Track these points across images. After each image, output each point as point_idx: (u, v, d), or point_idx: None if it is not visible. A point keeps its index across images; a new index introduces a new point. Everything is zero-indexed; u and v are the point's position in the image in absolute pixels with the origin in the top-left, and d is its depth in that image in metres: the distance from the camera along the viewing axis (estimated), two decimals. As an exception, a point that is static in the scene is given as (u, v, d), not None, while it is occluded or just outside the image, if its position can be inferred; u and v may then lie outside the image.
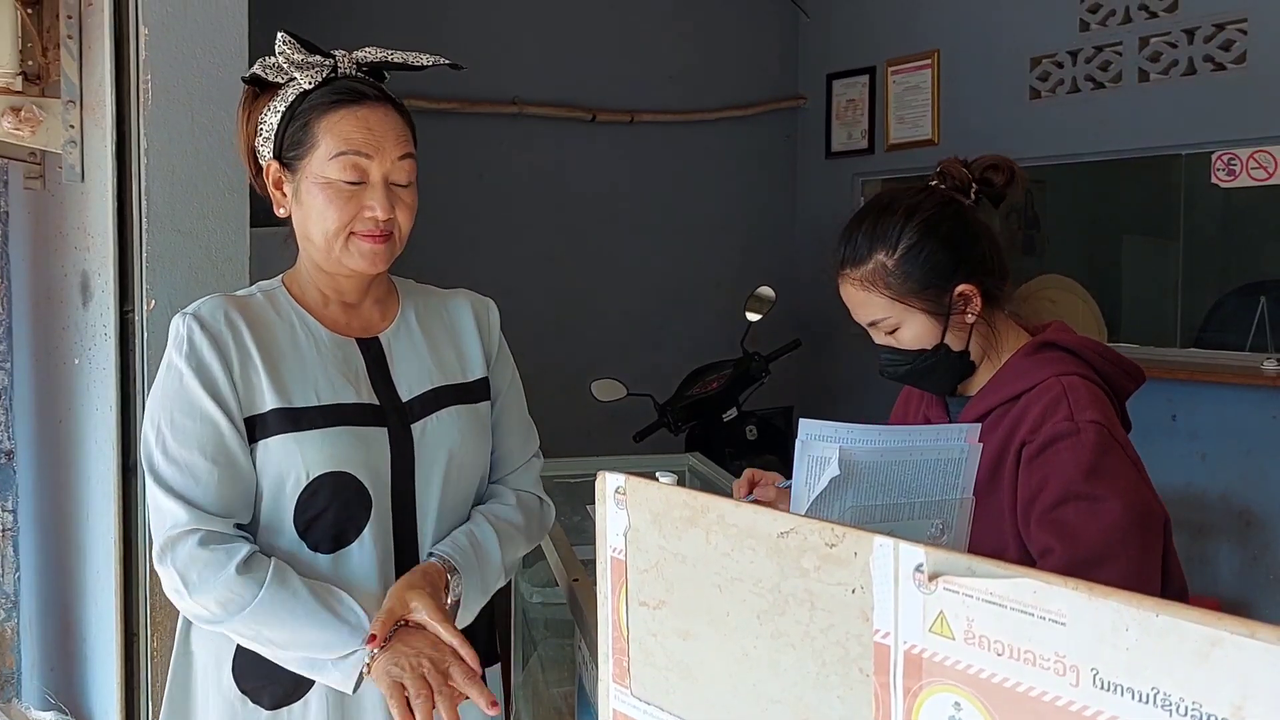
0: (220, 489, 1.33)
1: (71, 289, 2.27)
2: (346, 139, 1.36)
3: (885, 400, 1.76)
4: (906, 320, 1.42)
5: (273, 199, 1.43)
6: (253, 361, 1.37)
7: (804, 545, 0.73)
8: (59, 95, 2.17)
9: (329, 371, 1.41)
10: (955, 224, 1.43)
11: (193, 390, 1.34)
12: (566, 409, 4.25)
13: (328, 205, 1.37)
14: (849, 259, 1.44)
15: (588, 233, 4.69)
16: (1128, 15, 3.86)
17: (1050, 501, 1.28)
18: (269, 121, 1.40)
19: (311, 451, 1.35)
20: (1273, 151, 3.48)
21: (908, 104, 4.72)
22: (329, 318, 1.45)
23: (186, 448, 1.33)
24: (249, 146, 1.44)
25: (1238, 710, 0.51)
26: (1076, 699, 0.58)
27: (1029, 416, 1.35)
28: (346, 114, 1.37)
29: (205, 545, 1.30)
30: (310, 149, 1.37)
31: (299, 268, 1.48)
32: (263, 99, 1.42)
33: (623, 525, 0.89)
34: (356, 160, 1.36)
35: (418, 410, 1.45)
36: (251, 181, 1.49)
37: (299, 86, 1.39)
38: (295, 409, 1.36)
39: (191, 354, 1.35)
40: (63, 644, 2.39)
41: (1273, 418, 3.39)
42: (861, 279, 1.43)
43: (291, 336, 1.41)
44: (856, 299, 1.45)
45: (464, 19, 4.30)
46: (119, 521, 2.11)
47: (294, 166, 1.39)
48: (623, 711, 0.91)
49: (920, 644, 0.66)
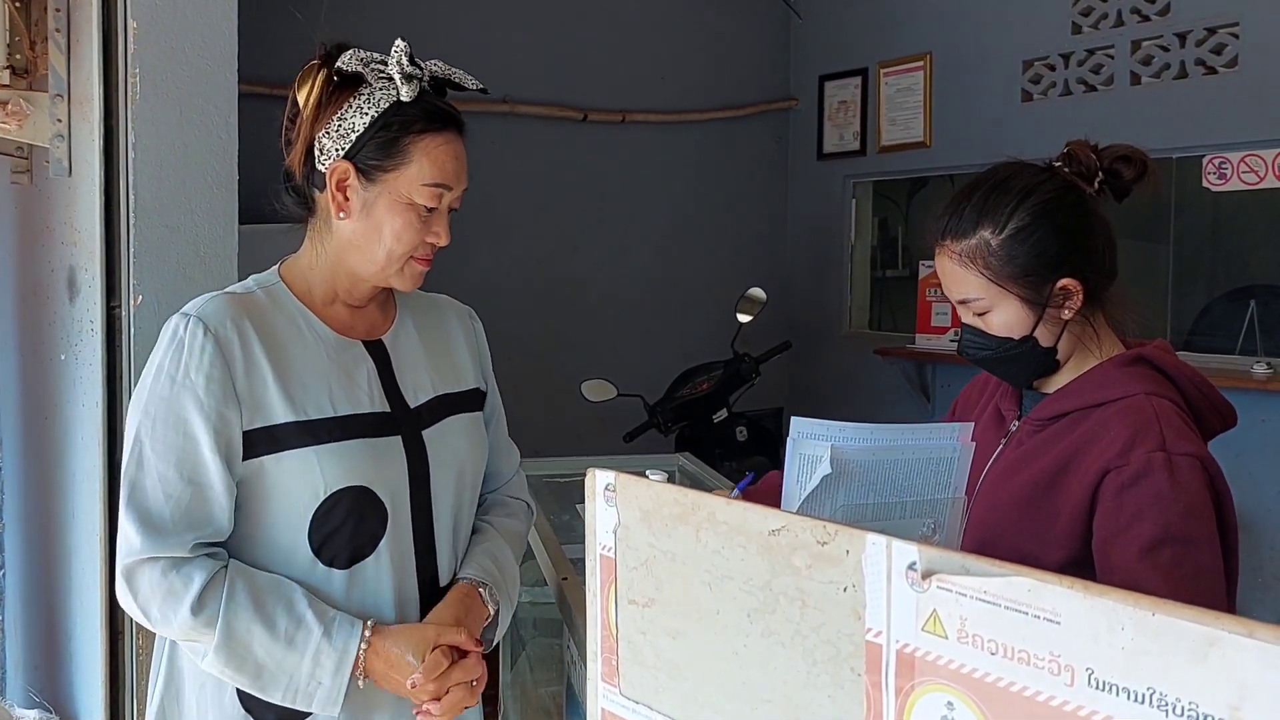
0: (189, 509, 1.27)
1: (58, 284, 2.25)
2: (441, 168, 1.32)
3: (874, 402, 1.75)
4: (1000, 305, 1.32)
5: (331, 199, 1.34)
6: (261, 370, 1.29)
7: (795, 543, 0.73)
8: (46, 89, 2.15)
9: (340, 378, 1.35)
10: (1072, 213, 1.32)
11: (182, 402, 1.26)
12: (556, 409, 4.25)
13: (406, 228, 1.32)
14: (951, 230, 1.33)
15: (578, 233, 4.68)
16: (1120, 18, 3.87)
17: (1149, 541, 1.19)
18: (352, 122, 1.32)
19: (330, 466, 1.29)
20: (1264, 155, 3.49)
21: (900, 106, 4.73)
22: (333, 317, 1.39)
23: (164, 460, 1.26)
24: (309, 135, 1.34)
25: (1235, 711, 0.50)
26: (1071, 699, 0.57)
27: (1111, 434, 1.27)
28: (442, 141, 1.33)
29: (165, 574, 1.24)
30: (401, 166, 1.31)
31: (305, 262, 1.40)
32: (345, 94, 1.33)
33: (612, 522, 0.88)
34: (442, 191, 1.33)
35: (427, 417, 1.41)
36: (290, 166, 1.38)
37: (392, 96, 1.32)
38: (311, 421, 1.30)
39: (189, 362, 1.27)
40: (48, 642, 2.37)
41: (1262, 421, 3.39)
42: (961, 253, 1.32)
43: (299, 340, 1.35)
44: (952, 274, 1.34)
45: (455, 17, 4.28)
46: (104, 519, 2.09)
47: (375, 178, 1.32)
48: (612, 711, 0.90)
49: (912, 643, 0.65)
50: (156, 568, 1.25)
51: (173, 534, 1.25)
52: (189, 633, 1.25)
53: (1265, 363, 3.48)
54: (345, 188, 1.33)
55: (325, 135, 1.33)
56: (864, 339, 4.95)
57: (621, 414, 4.05)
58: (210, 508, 1.28)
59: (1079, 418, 1.32)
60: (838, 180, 5.06)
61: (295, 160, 1.36)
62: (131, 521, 1.25)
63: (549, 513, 2.13)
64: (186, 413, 1.26)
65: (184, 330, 1.28)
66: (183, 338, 1.28)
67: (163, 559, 1.25)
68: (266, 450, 1.28)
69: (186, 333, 1.28)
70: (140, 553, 1.24)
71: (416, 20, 4.17)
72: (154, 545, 1.24)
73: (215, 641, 1.24)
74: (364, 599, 1.33)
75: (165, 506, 1.26)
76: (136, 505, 1.26)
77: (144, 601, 1.25)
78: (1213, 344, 3.80)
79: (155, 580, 1.25)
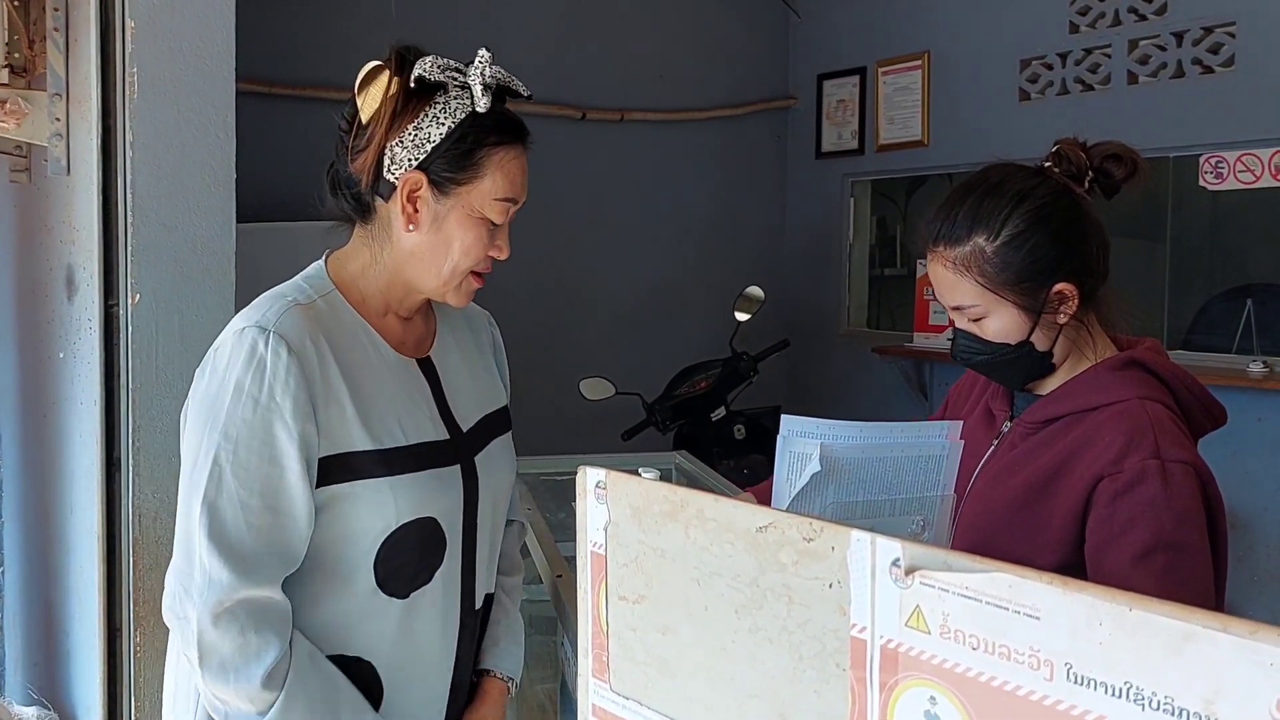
0: (275, 540, 1.20)
1: (56, 282, 2.26)
2: (513, 184, 1.30)
3: (872, 401, 1.76)
4: (995, 311, 1.31)
5: (401, 211, 1.28)
6: (338, 394, 1.23)
7: (782, 539, 0.73)
8: (45, 88, 2.16)
9: (405, 403, 1.31)
10: (1067, 217, 1.31)
11: (270, 426, 1.19)
12: (555, 407, 4.25)
13: (475, 243, 1.29)
14: (944, 236, 1.32)
15: (576, 231, 4.68)
16: (1117, 18, 3.87)
17: (1142, 548, 1.20)
18: (428, 131, 1.26)
19: (404, 498, 1.26)
20: (1260, 155, 3.49)
21: (898, 105, 4.73)
22: (388, 331, 1.34)
23: (248, 489, 1.19)
24: (382, 141, 1.26)
25: (1209, 704, 0.51)
26: (1050, 693, 0.58)
27: (1105, 440, 1.26)
28: (515, 156, 1.30)
29: (244, 632, 1.17)
30: (475, 180, 1.27)
31: (357, 269, 1.33)
32: (421, 101, 1.26)
33: (603, 520, 0.89)
34: (510, 205, 1.30)
35: (476, 443, 1.38)
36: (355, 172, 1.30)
37: (467, 106, 1.27)
38: (386, 450, 1.25)
39: (274, 383, 1.19)
40: (46, 639, 2.38)
41: (1258, 420, 3.40)
42: (954, 260, 1.31)
43: (366, 360, 1.29)
44: (945, 280, 1.33)
45: (452, 14, 4.29)
46: (102, 517, 2.10)
47: (449, 190, 1.27)
48: (602, 706, 0.90)
49: (896, 638, 0.66)
50: (239, 617, 1.18)
51: (263, 568, 1.19)
52: (243, 698, 1.18)
53: (1261, 361, 3.49)
54: (416, 199, 1.27)
55: (399, 144, 1.26)
56: (862, 337, 4.96)
57: (620, 412, 4.06)
58: (293, 539, 1.22)
59: (1072, 421, 1.32)
60: (836, 179, 5.07)
61: (364, 166, 1.28)
62: (216, 554, 1.17)
63: (546, 511, 2.14)
64: (273, 438, 1.19)
65: (264, 347, 1.20)
66: (264, 356, 1.20)
67: (251, 604, 1.19)
68: (341, 479, 1.23)
69: (268, 350, 1.20)
70: (231, 589, 1.17)
71: (415, 19, 4.17)
72: (245, 580, 1.18)
73: (268, 716, 1.18)
74: (416, 627, 1.31)
75: (250, 537, 1.19)
76: (219, 536, 1.18)
77: (227, 653, 1.17)
78: (1210, 343, 3.81)
79: (235, 633, 1.18)
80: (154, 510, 2.09)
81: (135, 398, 2.07)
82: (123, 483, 2.09)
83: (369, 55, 1.35)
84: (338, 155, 1.33)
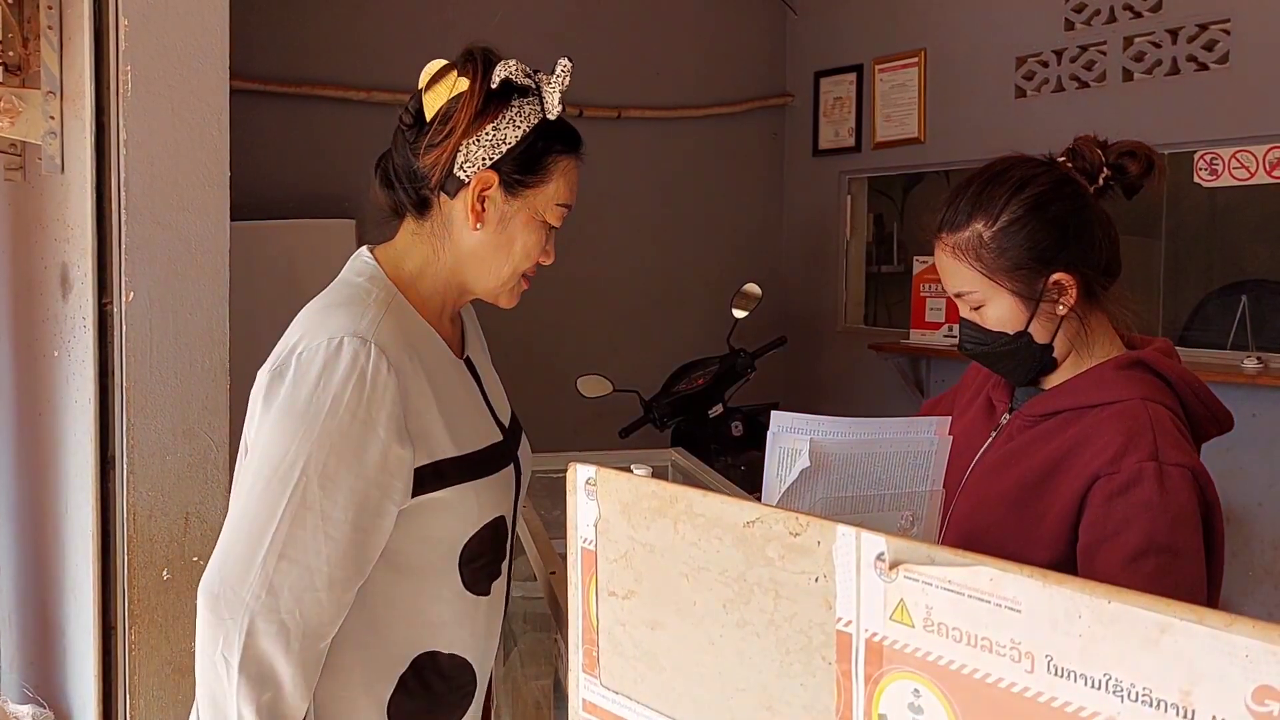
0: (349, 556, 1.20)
1: (51, 281, 2.26)
2: (572, 190, 1.35)
3: (869, 397, 1.76)
4: (993, 299, 1.31)
5: (470, 209, 1.29)
6: (429, 403, 1.24)
7: (769, 534, 0.74)
8: (39, 86, 2.16)
9: (471, 406, 1.34)
10: (1068, 206, 1.30)
11: (366, 442, 1.18)
12: (552, 405, 4.25)
13: (535, 245, 1.33)
14: (947, 223, 1.33)
15: (574, 228, 4.66)
16: (1112, 15, 3.87)
17: (1133, 550, 1.20)
18: (506, 134, 1.28)
19: (485, 500, 1.30)
20: (1255, 151, 3.50)
21: (894, 102, 4.74)
22: (445, 333, 1.35)
23: (332, 502, 1.18)
24: (459, 139, 1.27)
25: (1186, 695, 0.51)
26: (1031, 685, 0.58)
27: (1104, 439, 1.26)
28: (576, 164, 1.35)
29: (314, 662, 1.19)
30: (543, 184, 1.31)
31: (414, 268, 1.33)
32: (501, 103, 1.28)
33: (593, 516, 0.89)
34: (566, 211, 1.35)
35: (516, 440, 1.42)
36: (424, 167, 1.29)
37: (539, 111, 1.30)
38: (467, 455, 1.28)
39: (373, 396, 1.18)
40: (41, 638, 2.38)
41: (1253, 415, 3.41)
42: (955, 246, 1.32)
43: (440, 365, 1.30)
44: (947, 267, 1.34)
45: (449, 12, 4.29)
46: (97, 515, 2.10)
47: (518, 193, 1.30)
48: (592, 701, 0.91)
49: (881, 631, 0.66)
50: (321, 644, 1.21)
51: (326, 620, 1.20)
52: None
53: (1256, 357, 3.49)
54: (485, 199, 1.30)
55: (475, 143, 1.28)
56: (859, 334, 4.97)
57: (617, 409, 4.06)
58: (370, 556, 1.23)
59: (1071, 418, 1.31)
60: (833, 176, 5.07)
61: (436, 162, 1.28)
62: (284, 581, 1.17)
63: (540, 508, 2.14)
64: (368, 453, 1.18)
65: (366, 360, 1.19)
66: (365, 369, 1.18)
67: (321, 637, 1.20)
68: (433, 487, 1.25)
69: (369, 364, 1.19)
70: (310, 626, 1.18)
71: (410, 17, 4.17)
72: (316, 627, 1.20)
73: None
74: (493, 623, 1.37)
75: (328, 548, 1.19)
76: (294, 556, 1.17)
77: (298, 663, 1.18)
78: (1205, 339, 3.82)
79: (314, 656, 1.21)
80: (148, 508, 2.09)
81: (130, 396, 2.07)
82: (117, 481, 2.09)
83: (362, 53, 1.36)
84: (396, 149, 1.34)
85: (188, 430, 2.12)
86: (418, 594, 1.29)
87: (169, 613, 2.11)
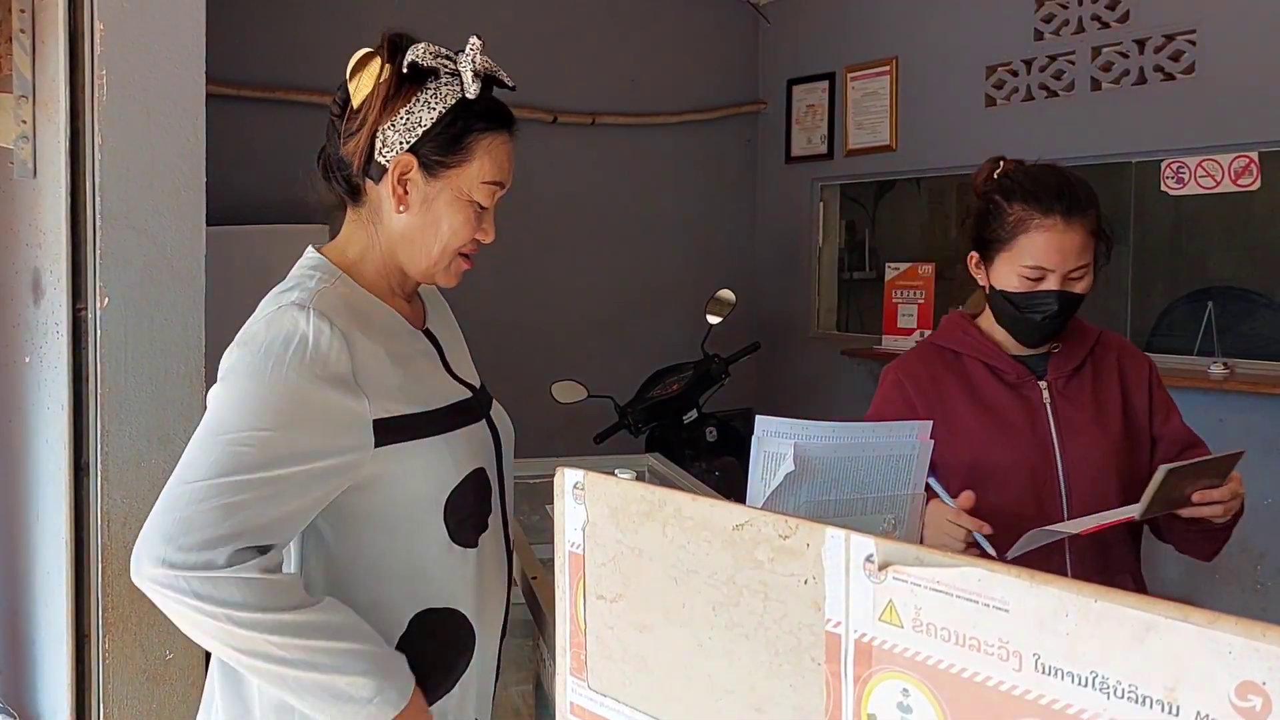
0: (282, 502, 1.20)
1: (23, 286, 2.24)
2: (500, 168, 1.35)
3: (841, 402, 1.81)
4: (1090, 268, 1.60)
5: (391, 193, 1.33)
6: (380, 362, 1.27)
7: (758, 537, 0.75)
8: (11, 90, 2.14)
9: (430, 368, 1.39)
10: None
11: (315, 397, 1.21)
12: (527, 410, 4.24)
13: (463, 225, 1.34)
14: (1077, 209, 1.57)
15: (548, 234, 4.68)
16: (1080, 25, 3.93)
17: (1175, 410, 1.72)
18: (419, 116, 1.31)
19: (459, 452, 1.33)
20: (1220, 160, 3.56)
21: (866, 110, 4.78)
22: (397, 308, 1.39)
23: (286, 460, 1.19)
24: (374, 125, 1.31)
25: (1171, 691, 0.53)
26: (1019, 684, 0.59)
27: (1127, 351, 1.72)
28: (503, 141, 1.36)
29: (267, 570, 1.17)
30: (464, 163, 1.33)
31: (354, 255, 1.37)
32: (414, 87, 1.32)
33: (581, 520, 0.90)
34: (497, 189, 1.36)
35: (486, 401, 1.47)
36: (345, 155, 1.34)
37: (458, 92, 1.32)
38: (431, 411, 1.32)
39: (318, 353, 1.21)
40: (12, 646, 2.35)
41: (1219, 420, 3.46)
42: (1086, 226, 1.57)
43: (393, 332, 1.35)
44: (1077, 244, 1.57)
45: (423, 17, 4.28)
46: (70, 522, 2.08)
47: (437, 173, 1.32)
48: (580, 704, 0.91)
49: (870, 632, 0.67)
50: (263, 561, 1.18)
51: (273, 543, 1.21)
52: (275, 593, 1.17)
53: (1222, 363, 3.55)
54: (406, 181, 1.33)
55: (390, 128, 1.31)
56: (831, 340, 5.00)
57: (592, 415, 4.07)
58: (306, 507, 1.23)
59: (1093, 357, 1.68)
60: (805, 183, 5.11)
61: (356, 149, 1.32)
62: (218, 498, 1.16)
63: (519, 513, 2.14)
64: (310, 407, 1.21)
65: (306, 323, 1.23)
66: (305, 331, 1.22)
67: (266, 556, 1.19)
68: (397, 439, 1.27)
69: (309, 325, 1.22)
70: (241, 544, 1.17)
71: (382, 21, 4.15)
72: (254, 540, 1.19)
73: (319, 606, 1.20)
74: (486, 575, 1.39)
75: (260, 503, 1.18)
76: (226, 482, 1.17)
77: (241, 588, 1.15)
78: (1172, 345, 3.87)
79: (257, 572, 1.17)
80: (123, 515, 2.07)
81: (104, 402, 2.05)
82: (91, 488, 2.07)
83: (338, 58, 1.36)
84: (329, 139, 1.38)
85: (163, 436, 2.10)
86: (408, 551, 1.32)
87: (144, 621, 2.09)
